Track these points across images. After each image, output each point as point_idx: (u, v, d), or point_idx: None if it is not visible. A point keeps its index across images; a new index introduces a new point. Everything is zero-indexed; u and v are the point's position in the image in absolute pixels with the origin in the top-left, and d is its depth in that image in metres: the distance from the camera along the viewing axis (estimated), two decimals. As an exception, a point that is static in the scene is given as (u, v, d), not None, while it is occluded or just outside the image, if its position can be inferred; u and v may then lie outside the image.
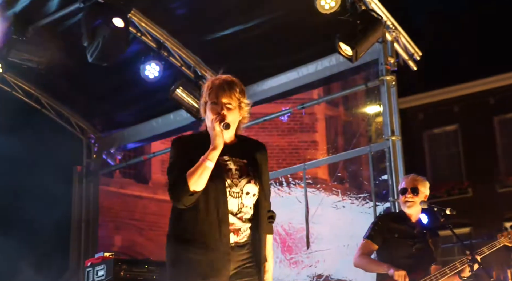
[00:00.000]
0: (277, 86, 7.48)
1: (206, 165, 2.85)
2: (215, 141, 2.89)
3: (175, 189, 2.87)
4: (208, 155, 2.86)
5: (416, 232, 4.59)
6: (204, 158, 2.86)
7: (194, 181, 2.84)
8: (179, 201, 2.87)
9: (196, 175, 2.84)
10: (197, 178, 2.84)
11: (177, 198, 2.87)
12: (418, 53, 6.61)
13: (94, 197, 8.68)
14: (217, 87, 3.02)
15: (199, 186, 2.86)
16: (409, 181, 4.65)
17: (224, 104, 2.99)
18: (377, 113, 12.08)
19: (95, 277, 6.11)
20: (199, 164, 2.85)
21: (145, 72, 7.03)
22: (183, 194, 2.85)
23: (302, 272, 8.70)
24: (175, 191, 2.87)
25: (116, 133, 8.74)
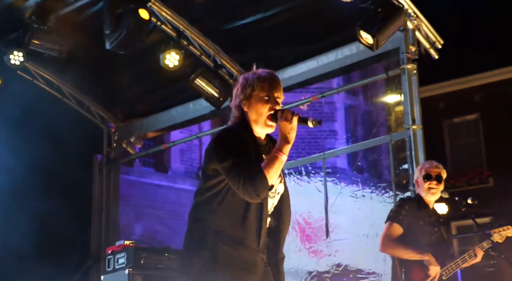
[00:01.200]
0: (296, 75, 7.44)
1: (282, 159, 2.84)
2: (290, 135, 2.86)
3: (257, 183, 2.79)
4: (283, 149, 2.85)
5: (432, 220, 4.57)
6: (278, 152, 2.84)
7: (272, 175, 2.83)
8: (259, 195, 2.82)
9: (274, 169, 2.82)
10: (274, 172, 2.83)
11: (257, 192, 2.80)
12: (440, 41, 6.54)
13: (114, 186, 8.73)
14: (270, 81, 3.02)
15: (274, 180, 2.87)
16: (434, 168, 4.60)
17: (277, 98, 3.00)
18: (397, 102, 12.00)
19: (115, 264, 6.17)
20: (275, 158, 2.83)
21: (165, 61, 7.04)
22: (264, 188, 2.81)
23: (321, 261, 8.72)
24: (257, 186, 2.79)
25: (136, 122, 8.77)
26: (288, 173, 9.05)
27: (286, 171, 8.99)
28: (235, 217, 2.90)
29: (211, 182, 2.94)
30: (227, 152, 2.89)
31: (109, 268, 6.25)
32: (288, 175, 9.06)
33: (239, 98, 3.03)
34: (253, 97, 3.00)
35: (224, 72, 7.60)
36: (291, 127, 2.87)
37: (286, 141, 2.87)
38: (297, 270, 8.67)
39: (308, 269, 8.71)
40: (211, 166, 2.94)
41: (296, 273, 8.70)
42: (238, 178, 2.82)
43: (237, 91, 3.05)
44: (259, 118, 2.99)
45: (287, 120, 2.87)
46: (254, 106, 2.99)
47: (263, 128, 3.02)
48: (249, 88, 3.01)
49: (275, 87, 3.01)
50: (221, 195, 2.92)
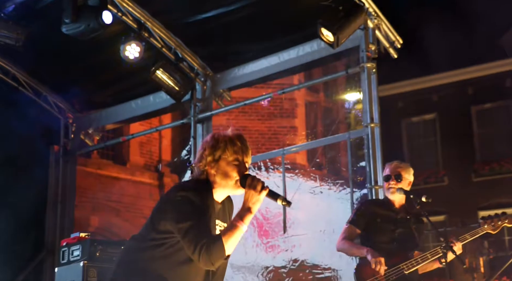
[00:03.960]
0: (258, 71, 7.46)
1: (242, 229, 2.78)
2: (254, 206, 2.80)
3: (214, 253, 2.72)
4: (244, 218, 2.77)
5: (399, 218, 4.66)
6: (239, 221, 2.77)
7: (231, 245, 2.76)
8: (213, 264, 2.76)
9: (232, 239, 2.75)
10: (234, 242, 2.77)
11: (212, 261, 2.73)
12: (399, 41, 6.63)
13: (71, 177, 8.61)
14: (242, 146, 2.94)
15: (231, 250, 2.79)
16: (393, 168, 4.71)
17: (246, 163, 2.93)
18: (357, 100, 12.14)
19: (70, 257, 6.10)
20: (235, 227, 2.76)
21: (125, 52, 6.96)
22: (220, 258, 2.75)
23: (278, 256, 8.76)
24: (213, 255, 2.72)
25: (94, 113, 8.67)
26: (247, 168, 9.06)
27: (245, 166, 8.99)
28: (176, 272, 2.85)
29: (160, 236, 2.85)
30: (185, 214, 2.78)
31: (63, 260, 6.18)
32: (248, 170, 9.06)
33: (206, 160, 2.93)
34: (222, 160, 2.91)
35: (185, 65, 7.56)
36: (258, 199, 2.81)
37: (249, 211, 2.80)
38: (253, 265, 8.70)
39: (264, 264, 8.74)
40: (165, 222, 2.83)
41: (253, 268, 8.73)
42: (194, 244, 2.73)
43: (205, 152, 2.95)
44: (227, 182, 2.91)
45: (255, 190, 2.80)
46: (222, 169, 2.91)
47: (231, 192, 2.96)
48: (219, 150, 2.92)
49: (246, 152, 2.94)
50: (168, 249, 2.84)
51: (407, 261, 4.49)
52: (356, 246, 4.64)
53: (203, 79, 7.71)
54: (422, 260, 4.49)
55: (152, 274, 2.84)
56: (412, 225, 4.68)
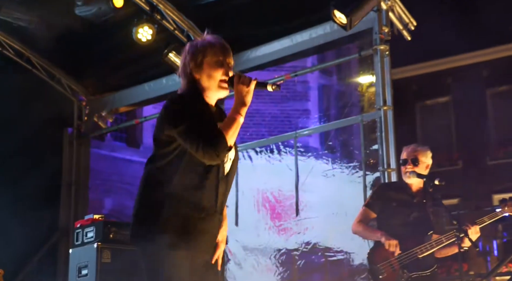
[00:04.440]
0: (270, 53, 7.43)
1: (240, 121, 2.87)
2: (247, 98, 2.89)
3: (217, 144, 2.80)
4: (240, 110, 2.87)
5: (415, 202, 4.65)
6: (236, 113, 2.86)
7: (231, 136, 2.84)
8: (219, 156, 2.83)
9: (232, 130, 2.84)
10: (233, 133, 2.85)
11: (217, 153, 2.81)
12: (413, 23, 6.57)
13: (84, 160, 8.67)
14: (221, 46, 3.02)
15: (233, 141, 2.88)
16: (410, 152, 4.70)
17: (229, 64, 3.01)
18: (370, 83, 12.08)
19: (84, 238, 6.16)
20: (233, 120, 2.85)
21: (137, 35, 6.96)
22: (224, 149, 2.82)
23: (290, 239, 8.79)
24: (217, 147, 2.80)
25: (107, 96, 8.69)
26: (259, 151, 9.07)
27: (258, 148, 9.01)
28: (193, 181, 2.89)
29: (166, 149, 2.91)
30: (182, 116, 2.87)
31: (77, 241, 6.23)
32: (260, 153, 9.08)
33: (189, 66, 3.00)
34: (205, 63, 2.98)
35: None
36: (248, 90, 2.89)
37: (243, 103, 2.89)
38: (266, 247, 8.75)
39: (277, 247, 8.79)
40: (165, 132, 2.90)
41: (266, 250, 8.77)
42: (197, 140, 2.81)
43: (186, 59, 3.02)
44: (212, 83, 2.98)
45: (244, 83, 2.89)
46: (206, 72, 2.98)
47: (217, 92, 3.01)
48: (199, 54, 2.99)
49: (226, 52, 3.01)
50: (178, 160, 2.89)
51: (421, 245, 4.49)
52: (370, 229, 4.66)
53: (215, 61, 7.68)
54: (437, 244, 4.49)
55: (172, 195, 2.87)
56: (428, 209, 4.67)
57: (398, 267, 4.45)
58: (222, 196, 2.97)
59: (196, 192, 2.88)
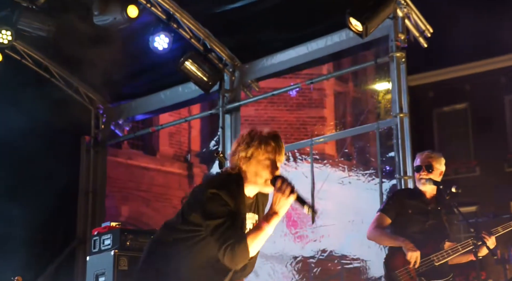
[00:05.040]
0: (286, 61, 7.44)
1: (268, 232, 2.83)
2: (281, 210, 2.82)
3: (238, 254, 2.78)
4: (270, 221, 2.82)
5: (430, 209, 4.63)
6: (265, 224, 2.82)
7: (255, 246, 2.82)
8: (236, 265, 2.83)
9: (257, 241, 2.81)
10: (257, 244, 2.83)
11: (235, 262, 2.81)
12: (429, 30, 6.55)
13: (101, 168, 8.72)
14: (276, 146, 2.94)
15: (255, 251, 2.85)
16: (424, 159, 4.68)
17: (278, 162, 2.95)
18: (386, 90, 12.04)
19: (101, 246, 6.19)
20: (260, 229, 2.82)
21: (154, 43, 7.01)
22: (243, 260, 2.82)
23: (306, 247, 8.78)
24: (237, 256, 2.78)
25: (124, 104, 8.75)
26: (275, 159, 9.05)
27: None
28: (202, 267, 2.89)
29: (190, 228, 2.90)
30: (214, 212, 2.83)
31: (94, 249, 6.27)
32: (276, 160, 9.06)
33: (239, 155, 2.94)
34: (254, 158, 2.92)
35: (213, 56, 7.57)
36: (285, 203, 2.83)
37: (275, 214, 2.83)
38: (282, 254, 8.74)
39: (293, 254, 8.77)
40: (195, 216, 2.88)
41: (281, 258, 8.76)
42: (220, 243, 2.79)
43: (238, 146, 2.96)
44: (257, 180, 2.93)
45: (284, 194, 2.82)
46: (253, 167, 2.92)
47: (261, 189, 2.98)
48: (252, 148, 2.92)
49: (279, 152, 2.94)
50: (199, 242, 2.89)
51: (438, 252, 4.47)
52: (390, 235, 4.60)
53: (231, 69, 7.72)
54: (453, 252, 4.46)
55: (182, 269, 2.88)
56: (443, 216, 4.65)
57: (415, 275, 4.43)
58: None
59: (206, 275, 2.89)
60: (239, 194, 2.91)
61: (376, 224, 4.65)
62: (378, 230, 4.63)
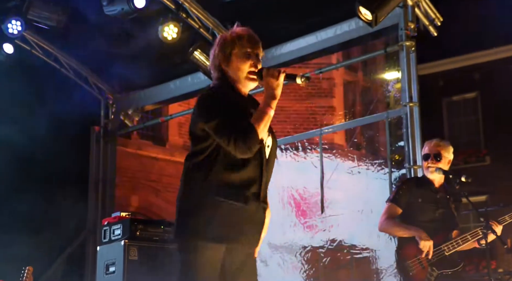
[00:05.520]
0: (295, 50, 7.42)
1: (270, 114, 2.88)
2: (276, 91, 2.90)
3: (248, 138, 2.81)
4: (271, 104, 2.88)
5: (439, 197, 4.62)
6: (266, 107, 2.87)
7: (262, 129, 2.86)
8: (250, 149, 2.84)
9: (263, 123, 2.86)
10: (264, 126, 2.86)
11: (249, 146, 2.82)
12: (439, 18, 6.50)
13: (111, 158, 8.75)
14: (249, 37, 3.05)
15: (264, 134, 2.90)
16: (432, 147, 4.65)
17: (257, 55, 3.03)
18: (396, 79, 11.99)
19: (111, 236, 6.21)
20: (264, 113, 2.87)
21: (163, 33, 7.00)
22: (255, 142, 2.84)
23: (316, 236, 8.78)
24: (248, 140, 2.82)
25: (133, 94, 8.76)
26: (284, 148, 9.06)
27: (283, 146, 9.00)
28: (234, 172, 2.89)
29: (203, 144, 2.93)
30: (213, 110, 2.90)
31: (105, 239, 6.29)
32: (285, 150, 9.07)
33: (218, 58, 3.03)
34: (233, 55, 3.01)
35: (221, 42, 7.55)
36: (278, 83, 2.90)
37: (273, 97, 2.89)
38: (291, 244, 8.75)
39: (302, 244, 8.78)
40: (199, 127, 2.93)
41: (291, 248, 8.77)
42: (227, 135, 2.83)
43: (215, 51, 3.05)
44: (240, 75, 3.00)
45: (273, 76, 2.90)
46: (234, 64, 3.01)
47: (246, 85, 3.03)
48: (228, 46, 3.02)
49: (254, 44, 3.04)
50: (216, 153, 2.91)
51: (448, 242, 4.46)
52: (403, 225, 4.56)
53: (240, 59, 7.70)
54: (463, 241, 4.46)
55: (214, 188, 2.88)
56: (451, 205, 4.64)
57: (427, 265, 4.43)
58: (265, 184, 2.98)
59: (237, 183, 2.89)
60: (230, 92, 2.99)
61: (387, 215, 4.63)
62: (390, 220, 4.60)
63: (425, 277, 4.41)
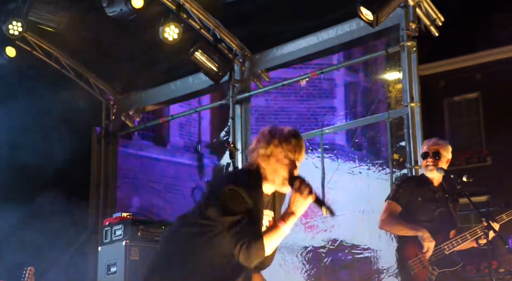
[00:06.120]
0: (296, 51, 7.43)
1: (284, 231, 2.83)
2: (299, 210, 2.82)
3: (253, 253, 2.77)
4: (287, 220, 2.82)
5: (438, 197, 4.61)
6: (282, 223, 2.82)
7: (271, 246, 2.83)
8: (252, 262, 2.81)
9: (273, 240, 2.82)
10: (274, 243, 2.83)
11: (250, 260, 2.79)
12: (440, 18, 6.50)
13: (112, 158, 8.76)
14: (296, 145, 2.93)
15: (271, 250, 2.85)
16: (431, 146, 4.65)
17: (297, 163, 2.94)
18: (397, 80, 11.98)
19: (113, 236, 6.23)
20: (277, 229, 2.82)
21: (164, 34, 7.01)
22: (258, 258, 2.81)
23: (317, 237, 8.77)
24: (252, 255, 2.78)
25: (134, 95, 8.77)
26: (286, 149, 9.04)
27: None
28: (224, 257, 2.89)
29: (207, 222, 2.90)
30: (232, 208, 2.82)
31: (106, 239, 6.30)
32: (286, 150, 9.06)
33: (258, 152, 2.93)
34: (273, 157, 2.91)
35: (223, 46, 7.57)
36: (303, 203, 2.82)
37: (293, 214, 2.83)
38: (292, 244, 8.73)
39: (303, 244, 8.76)
40: (213, 210, 2.88)
41: (292, 248, 8.76)
42: (236, 240, 2.79)
43: (258, 144, 2.94)
44: (275, 179, 2.92)
45: (302, 194, 2.81)
46: (272, 165, 2.91)
47: (278, 188, 2.97)
48: (271, 146, 2.91)
49: (298, 151, 2.93)
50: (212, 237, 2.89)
51: (448, 241, 4.46)
52: (406, 224, 4.52)
53: (241, 60, 7.71)
54: (462, 240, 4.45)
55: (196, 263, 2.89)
56: (450, 204, 4.63)
57: (428, 264, 4.42)
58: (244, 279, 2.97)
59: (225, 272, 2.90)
60: (257, 191, 2.90)
61: (388, 213, 4.59)
62: (391, 219, 4.57)
63: (426, 277, 4.41)
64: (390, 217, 4.58)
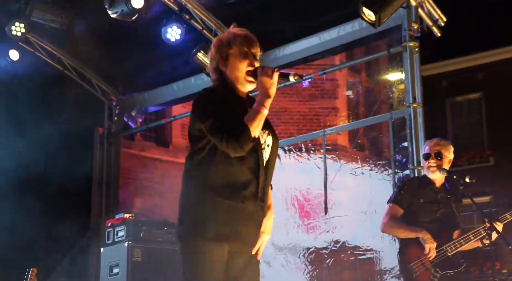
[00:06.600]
0: (298, 51, 7.42)
1: (264, 113, 2.87)
2: (271, 90, 2.88)
3: (240, 136, 2.81)
4: (265, 103, 2.87)
5: (440, 197, 4.60)
6: (260, 106, 2.86)
7: (255, 127, 2.84)
8: (242, 148, 2.83)
9: (256, 122, 2.84)
10: (257, 124, 2.85)
11: (240, 145, 2.81)
12: (443, 19, 6.49)
13: (115, 159, 8.76)
14: (245, 37, 3.04)
15: (257, 132, 2.88)
16: (433, 146, 4.63)
17: (254, 54, 3.02)
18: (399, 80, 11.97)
19: (115, 237, 6.23)
20: (257, 112, 2.85)
21: (166, 35, 7.02)
22: (247, 140, 2.82)
23: (319, 238, 8.76)
24: (240, 138, 2.80)
25: (137, 95, 8.77)
26: (288, 150, 9.06)
27: (286, 147, 9.00)
28: (230, 172, 2.90)
29: (200, 143, 2.94)
30: (207, 110, 2.90)
31: (108, 240, 6.31)
32: (288, 151, 9.07)
33: (216, 60, 3.04)
34: (230, 56, 3.00)
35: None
36: (272, 82, 2.88)
37: (267, 95, 2.88)
38: (295, 245, 8.73)
39: (306, 245, 8.76)
40: (196, 127, 2.94)
41: (294, 249, 8.76)
42: (220, 134, 2.83)
43: (212, 53, 3.06)
44: (239, 75, 2.99)
45: (267, 75, 2.88)
46: (232, 64, 3.00)
47: (244, 85, 3.02)
48: (225, 47, 3.01)
49: (251, 43, 3.03)
50: (212, 153, 2.91)
51: (450, 241, 4.45)
52: (407, 226, 4.52)
53: (243, 60, 7.70)
54: (465, 241, 4.44)
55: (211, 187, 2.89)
56: (452, 205, 4.62)
57: (430, 266, 4.41)
58: (263, 183, 2.97)
59: (235, 182, 2.89)
60: (226, 92, 2.98)
61: (389, 217, 4.58)
62: (392, 222, 4.56)
63: (428, 279, 4.40)
64: (391, 220, 4.57)
